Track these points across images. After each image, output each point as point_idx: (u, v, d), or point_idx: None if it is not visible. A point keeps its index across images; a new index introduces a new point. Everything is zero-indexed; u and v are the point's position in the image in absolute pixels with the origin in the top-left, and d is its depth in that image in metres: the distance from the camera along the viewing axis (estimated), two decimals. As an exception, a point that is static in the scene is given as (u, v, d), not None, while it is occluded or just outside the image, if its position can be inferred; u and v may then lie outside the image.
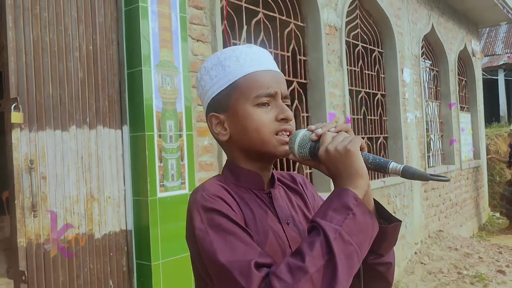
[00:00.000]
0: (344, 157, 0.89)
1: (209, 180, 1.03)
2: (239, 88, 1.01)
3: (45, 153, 2.31)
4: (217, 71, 1.03)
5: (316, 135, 0.95)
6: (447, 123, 7.59)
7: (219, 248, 0.88)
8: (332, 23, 4.48)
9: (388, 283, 1.08)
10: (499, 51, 17.77)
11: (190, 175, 2.82)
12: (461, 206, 7.87)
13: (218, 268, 0.88)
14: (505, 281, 5.24)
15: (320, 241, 0.84)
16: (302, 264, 0.82)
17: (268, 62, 1.05)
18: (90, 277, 2.47)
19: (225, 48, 1.07)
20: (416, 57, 6.36)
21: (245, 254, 0.87)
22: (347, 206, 0.87)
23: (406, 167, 0.89)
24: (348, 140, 0.91)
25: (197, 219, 0.93)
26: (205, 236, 0.91)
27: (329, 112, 4.28)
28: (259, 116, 1.00)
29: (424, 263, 5.63)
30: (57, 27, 2.39)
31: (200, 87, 1.08)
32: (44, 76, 2.32)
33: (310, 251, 0.84)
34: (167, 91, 2.71)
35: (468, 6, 7.77)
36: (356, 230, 0.87)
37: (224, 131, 1.04)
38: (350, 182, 0.90)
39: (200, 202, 0.94)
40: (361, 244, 0.87)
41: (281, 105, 1.02)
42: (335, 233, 0.85)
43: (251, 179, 1.05)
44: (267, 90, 1.01)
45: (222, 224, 0.91)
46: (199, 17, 3.04)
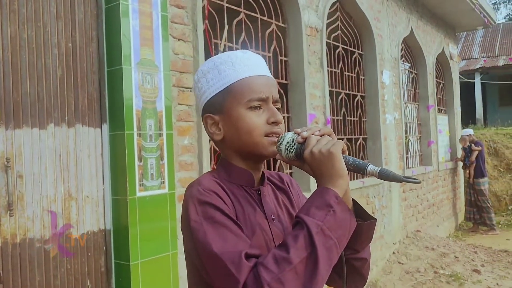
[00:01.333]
0: (327, 159, 0.98)
1: (204, 175, 1.12)
2: (233, 92, 1.08)
3: (22, 152, 2.27)
4: (213, 74, 1.11)
5: (302, 137, 1.03)
6: (425, 125, 7.72)
7: (212, 239, 0.96)
8: (313, 25, 4.52)
9: (363, 278, 1.19)
10: (476, 55, 18.13)
11: (170, 174, 2.81)
12: (438, 206, 8.01)
13: (211, 257, 0.95)
14: (480, 280, 5.35)
15: (304, 234, 0.92)
16: (287, 255, 0.90)
17: (261, 68, 1.13)
18: (67, 277, 2.44)
19: (222, 53, 1.14)
20: (396, 60, 6.45)
21: (236, 245, 0.95)
22: (328, 203, 0.96)
23: (382, 169, 0.98)
24: (331, 144, 0.99)
25: (193, 211, 1.00)
26: (200, 227, 0.98)
27: (310, 113, 4.31)
28: (251, 119, 1.08)
29: (402, 263, 5.71)
30: (36, 23, 2.35)
31: (197, 88, 1.15)
32: (22, 73, 2.28)
33: (295, 244, 0.92)
34: (147, 89, 2.69)
35: (446, 11, 7.91)
36: (336, 226, 0.95)
37: (219, 131, 1.12)
38: (331, 182, 0.99)
39: (196, 196, 1.02)
40: (340, 239, 0.96)
41: (272, 109, 1.10)
42: (317, 228, 0.93)
43: (242, 176, 1.13)
44: (259, 94, 1.08)
45: (216, 217, 0.99)
46: (180, 16, 3.03)
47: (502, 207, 10.34)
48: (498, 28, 19.08)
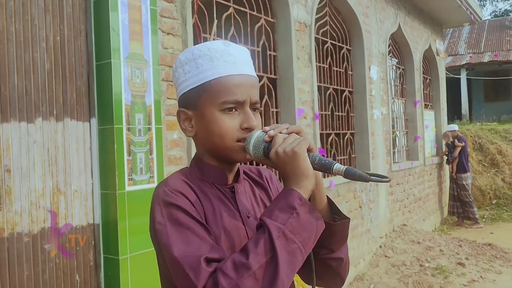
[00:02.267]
0: (291, 159, 0.95)
1: (173, 175, 1.07)
2: (209, 91, 1.03)
3: (9, 146, 2.25)
4: (191, 67, 1.05)
5: (269, 136, 1.00)
6: (412, 120, 7.80)
7: (174, 242, 0.93)
8: (302, 20, 4.53)
9: (341, 278, 1.15)
10: (462, 51, 18.33)
11: (159, 169, 2.81)
12: (424, 201, 8.12)
13: (172, 261, 0.93)
14: (465, 273, 5.45)
15: (264, 239, 0.90)
16: (246, 261, 0.88)
17: (242, 65, 1.06)
18: (56, 271, 2.44)
19: (202, 44, 1.07)
20: (383, 55, 6.49)
21: (199, 249, 0.92)
22: (292, 205, 0.93)
23: (348, 168, 0.94)
24: (296, 143, 0.96)
25: (158, 213, 0.98)
26: (164, 229, 0.96)
27: (298, 108, 4.33)
28: (224, 122, 1.03)
29: (388, 256, 5.79)
30: (23, 16, 2.33)
31: (174, 78, 1.11)
32: (9, 66, 2.26)
33: (255, 249, 0.89)
34: (137, 84, 2.69)
35: (433, 7, 7.98)
36: (300, 228, 0.92)
37: (191, 128, 1.09)
38: (296, 183, 0.96)
39: (161, 197, 0.99)
40: (304, 242, 0.93)
41: (248, 113, 1.05)
42: (278, 232, 0.90)
43: (214, 174, 1.10)
44: (235, 97, 1.03)
45: (180, 219, 0.96)
46: (169, 10, 3.02)
47: (487, 202, 10.50)
48: (484, 25, 19.30)
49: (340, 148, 5.55)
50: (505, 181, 10.65)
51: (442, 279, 5.20)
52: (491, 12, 34.71)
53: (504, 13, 31.60)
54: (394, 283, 5.09)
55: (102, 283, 2.62)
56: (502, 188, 10.58)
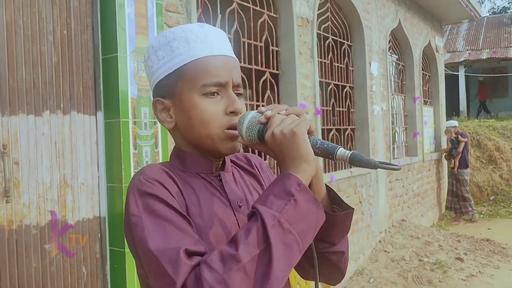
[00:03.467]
0: (289, 140, 0.84)
1: (151, 165, 0.97)
2: (186, 74, 0.93)
3: (18, 138, 2.27)
4: (165, 52, 0.96)
5: (265, 117, 0.89)
6: (411, 116, 7.83)
7: (150, 235, 0.83)
8: (304, 15, 4.54)
9: (341, 272, 1.06)
10: (460, 47, 18.36)
11: (164, 162, 2.83)
12: (423, 196, 8.16)
13: (148, 256, 0.82)
14: (463, 267, 5.50)
15: (257, 228, 0.79)
16: (235, 253, 0.77)
17: (221, 46, 0.97)
18: (63, 264, 2.46)
19: (176, 27, 0.98)
20: (384, 51, 6.52)
21: (178, 241, 0.82)
22: (289, 191, 0.82)
23: (354, 153, 0.85)
24: (295, 124, 0.85)
25: (133, 204, 0.87)
26: (139, 221, 0.85)
27: (300, 103, 4.35)
28: (206, 108, 0.93)
29: (388, 251, 5.83)
30: (31, 10, 2.34)
31: (147, 67, 1.01)
32: (17, 59, 2.27)
33: (245, 239, 0.78)
34: (143, 78, 2.70)
35: (433, 3, 8.00)
36: (297, 218, 0.81)
37: (170, 119, 0.98)
38: (294, 167, 0.85)
39: (136, 186, 0.89)
40: (302, 233, 0.82)
41: (231, 96, 0.95)
42: (273, 220, 0.79)
43: (198, 164, 0.99)
44: (217, 78, 0.93)
45: (157, 210, 0.85)
46: (174, 4, 3.03)
47: (484, 198, 10.56)
48: (482, 22, 19.33)
49: (341, 143, 5.58)
50: (503, 178, 10.72)
51: (441, 273, 5.25)
52: (489, 9, 34.76)
53: (502, 10, 31.66)
54: (394, 278, 5.14)
55: (108, 275, 2.65)
56: (499, 184, 10.64)
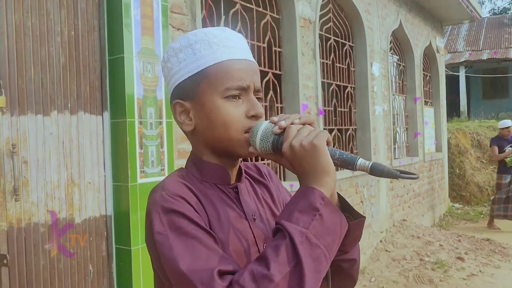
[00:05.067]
0: (309, 153, 0.84)
1: (170, 177, 0.96)
2: (209, 77, 0.94)
3: (26, 138, 2.31)
4: (187, 54, 0.96)
5: (279, 127, 0.89)
6: (412, 117, 7.87)
7: (180, 255, 0.83)
8: (306, 16, 4.58)
9: (353, 279, 1.07)
10: (461, 48, 18.40)
11: (170, 162, 2.86)
12: (424, 196, 8.20)
13: (179, 277, 0.82)
14: (464, 267, 5.53)
15: (286, 245, 0.80)
16: (267, 272, 0.78)
17: (242, 50, 0.98)
18: (70, 261, 2.49)
19: (197, 30, 0.98)
20: (385, 52, 6.55)
21: (207, 261, 0.82)
22: (314, 206, 0.83)
23: (374, 164, 0.85)
24: (313, 135, 0.85)
25: (157, 222, 0.86)
26: (165, 240, 0.85)
27: (302, 104, 4.39)
28: (228, 110, 0.93)
29: (389, 251, 5.86)
30: (39, 11, 2.38)
31: (166, 68, 1.00)
32: (26, 60, 2.31)
33: (276, 257, 0.79)
34: (148, 78, 2.74)
35: (434, 4, 8.03)
36: (324, 232, 0.83)
37: (189, 121, 0.97)
38: (316, 180, 0.85)
39: (159, 203, 0.88)
40: (329, 246, 0.83)
41: (253, 100, 0.96)
42: (301, 237, 0.80)
43: (216, 174, 0.99)
44: (239, 82, 0.94)
45: (184, 228, 0.85)
46: (179, 6, 3.07)
47: (484, 198, 10.60)
48: (483, 22, 19.37)
49: (342, 143, 5.62)
50: (503, 178, 10.74)
51: (441, 273, 5.28)
52: (490, 9, 34.79)
53: (502, 10, 31.69)
54: (395, 277, 5.17)
55: (114, 272, 2.68)
56: (500, 184, 10.67)
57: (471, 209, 9.97)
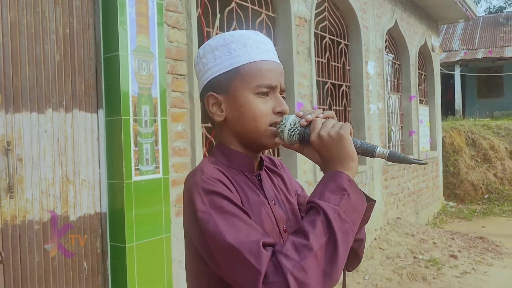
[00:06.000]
0: (337, 141, 0.96)
1: (205, 163, 1.06)
2: (242, 74, 1.04)
3: (21, 135, 2.31)
4: (222, 52, 1.05)
5: (306, 120, 1.01)
6: (407, 115, 7.90)
7: (225, 229, 0.92)
8: (302, 15, 4.59)
9: (359, 257, 1.19)
10: (456, 47, 18.45)
11: (164, 159, 2.87)
12: (418, 195, 8.24)
13: (226, 249, 0.91)
14: (457, 265, 5.57)
15: (321, 220, 0.91)
16: (307, 242, 0.89)
17: (272, 53, 1.09)
18: (65, 258, 2.50)
19: (234, 31, 1.09)
20: (380, 51, 6.57)
21: (248, 235, 0.92)
22: (342, 187, 0.95)
23: (392, 151, 0.97)
24: (339, 126, 0.98)
25: (199, 201, 0.96)
26: (209, 218, 0.93)
27: (297, 102, 4.41)
28: (258, 105, 1.04)
29: (383, 249, 5.90)
30: (34, 9, 2.38)
31: (201, 63, 1.09)
32: (21, 58, 2.31)
33: (313, 229, 0.90)
34: (143, 76, 2.75)
35: (429, 3, 8.06)
36: (351, 209, 0.94)
37: (220, 112, 1.07)
38: (342, 165, 0.97)
39: (200, 185, 0.97)
40: (355, 221, 0.95)
41: (279, 98, 1.07)
42: (334, 212, 0.92)
43: (242, 162, 1.10)
44: (269, 81, 1.05)
45: (224, 207, 0.95)
46: (174, 4, 3.07)
47: (478, 196, 10.66)
48: (478, 21, 19.42)
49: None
50: (497, 176, 10.81)
51: (435, 270, 5.32)
52: (485, 8, 34.91)
53: (498, 9, 31.79)
54: (389, 275, 5.20)
55: (109, 270, 2.70)
56: (494, 183, 10.74)
57: (465, 208, 10.03)
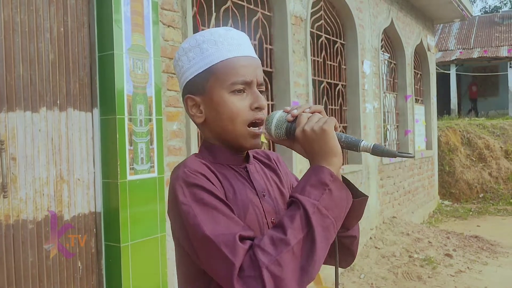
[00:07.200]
0: (319, 136, 0.96)
1: (189, 158, 1.07)
2: (216, 73, 1.03)
3: (15, 134, 2.30)
4: (195, 53, 1.05)
5: (292, 116, 1.02)
6: (403, 114, 7.91)
7: (203, 221, 0.93)
8: (297, 14, 4.59)
9: (353, 254, 1.18)
10: (452, 46, 18.50)
11: (159, 159, 2.86)
12: (414, 194, 8.26)
13: (203, 241, 0.92)
14: (452, 264, 5.59)
15: (300, 215, 0.91)
16: (284, 237, 0.89)
17: (245, 47, 1.07)
18: (59, 258, 2.49)
19: (204, 31, 1.08)
20: (376, 50, 6.58)
21: (228, 227, 0.92)
22: (324, 182, 0.94)
23: (376, 145, 0.97)
24: (323, 121, 0.97)
25: (180, 194, 0.97)
26: (189, 210, 0.95)
27: (293, 101, 4.40)
28: (234, 104, 1.03)
29: (378, 248, 5.91)
30: (29, 7, 2.36)
31: (177, 67, 1.10)
32: (15, 56, 2.30)
33: (291, 224, 0.90)
34: (138, 75, 2.74)
35: (425, 3, 8.07)
36: (332, 204, 0.94)
37: (200, 114, 1.08)
38: (325, 160, 0.97)
39: (182, 178, 0.98)
40: (337, 217, 0.95)
41: (256, 93, 1.06)
42: (313, 208, 0.92)
43: (227, 156, 1.10)
44: (243, 77, 1.03)
45: (205, 199, 0.96)
46: (170, 2, 3.06)
47: (473, 195, 10.70)
48: (474, 21, 19.49)
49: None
50: (492, 175, 10.86)
51: (430, 269, 5.33)
52: (481, 8, 35.02)
53: (493, 9, 31.89)
54: (384, 273, 5.21)
55: (104, 269, 2.68)
56: (489, 182, 10.78)
57: (460, 207, 10.07)
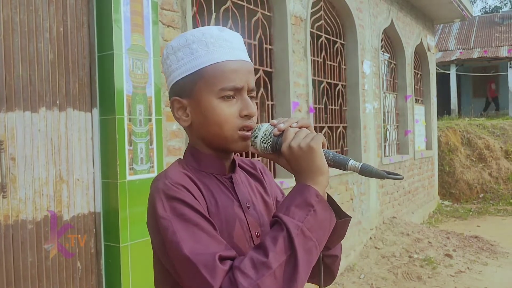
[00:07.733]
0: (306, 154, 0.91)
1: (171, 167, 1.02)
2: (205, 77, 0.99)
3: (14, 134, 2.29)
4: (184, 53, 1.00)
5: (278, 130, 0.96)
6: (403, 115, 7.91)
7: (183, 239, 0.88)
8: (297, 14, 4.58)
9: (333, 274, 1.13)
10: (452, 46, 18.49)
11: (159, 159, 2.86)
12: (413, 194, 8.25)
13: (182, 260, 0.88)
14: (452, 264, 5.59)
15: (283, 236, 0.87)
16: (266, 260, 0.85)
17: (238, 51, 1.02)
18: (59, 258, 2.49)
19: (195, 29, 1.02)
20: (376, 50, 6.58)
21: (209, 246, 0.88)
22: (309, 202, 0.90)
23: (364, 165, 0.93)
24: (310, 137, 0.92)
25: (160, 208, 0.92)
26: (169, 225, 0.90)
27: (293, 101, 4.40)
28: (222, 110, 0.99)
29: (378, 248, 5.91)
30: (28, 7, 2.36)
31: (165, 65, 1.05)
32: (14, 56, 2.30)
33: (273, 247, 0.86)
34: (138, 75, 2.73)
35: (425, 3, 8.07)
36: (316, 226, 0.90)
37: (186, 117, 1.03)
38: (311, 179, 0.92)
39: (163, 190, 0.93)
40: (320, 239, 0.91)
41: (246, 100, 1.01)
42: (297, 229, 0.87)
43: (213, 164, 1.05)
44: (234, 83, 0.99)
45: (186, 214, 0.91)
46: (170, 2, 3.06)
47: (473, 195, 10.70)
48: (474, 21, 19.48)
49: (333, 141, 5.64)
50: (492, 176, 10.85)
51: (430, 270, 5.33)
52: (481, 8, 35.02)
53: (494, 9, 31.89)
54: (384, 274, 5.21)
55: (103, 269, 2.68)
56: (489, 182, 10.78)
57: (460, 207, 10.06)
